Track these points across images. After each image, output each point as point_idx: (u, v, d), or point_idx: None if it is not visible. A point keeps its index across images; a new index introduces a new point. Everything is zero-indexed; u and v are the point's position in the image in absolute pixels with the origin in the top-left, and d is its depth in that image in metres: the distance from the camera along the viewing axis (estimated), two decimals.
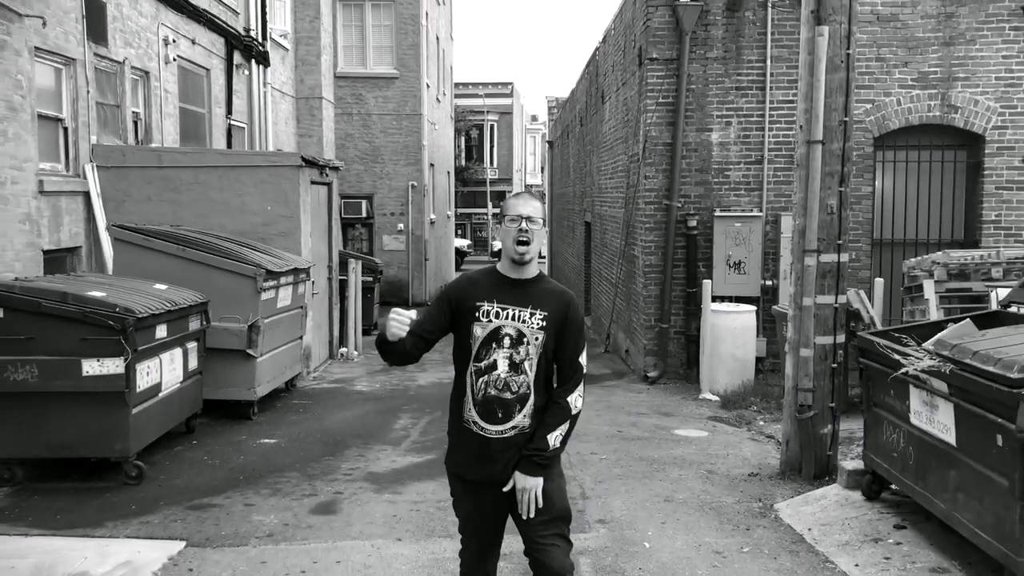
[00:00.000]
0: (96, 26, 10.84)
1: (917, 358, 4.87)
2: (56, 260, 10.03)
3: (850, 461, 6.27)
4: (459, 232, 46.42)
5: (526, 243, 3.38)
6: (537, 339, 3.41)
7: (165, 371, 7.05)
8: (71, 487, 6.30)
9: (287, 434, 8.14)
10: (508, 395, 3.40)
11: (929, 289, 8.89)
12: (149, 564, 4.81)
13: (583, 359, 3.49)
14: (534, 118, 65.94)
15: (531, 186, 64.92)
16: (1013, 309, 5.92)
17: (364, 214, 24.17)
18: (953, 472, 4.67)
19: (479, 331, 3.42)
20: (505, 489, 3.40)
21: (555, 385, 3.50)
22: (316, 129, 21.11)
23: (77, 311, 6.22)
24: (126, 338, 6.22)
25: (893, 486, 5.64)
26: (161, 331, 6.92)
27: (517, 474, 3.38)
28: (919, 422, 5.02)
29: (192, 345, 7.70)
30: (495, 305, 3.43)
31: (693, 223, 11.24)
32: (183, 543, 5.18)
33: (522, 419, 3.42)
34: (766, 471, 6.89)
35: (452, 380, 3.56)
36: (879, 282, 10.07)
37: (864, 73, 10.94)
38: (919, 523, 5.29)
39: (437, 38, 28.76)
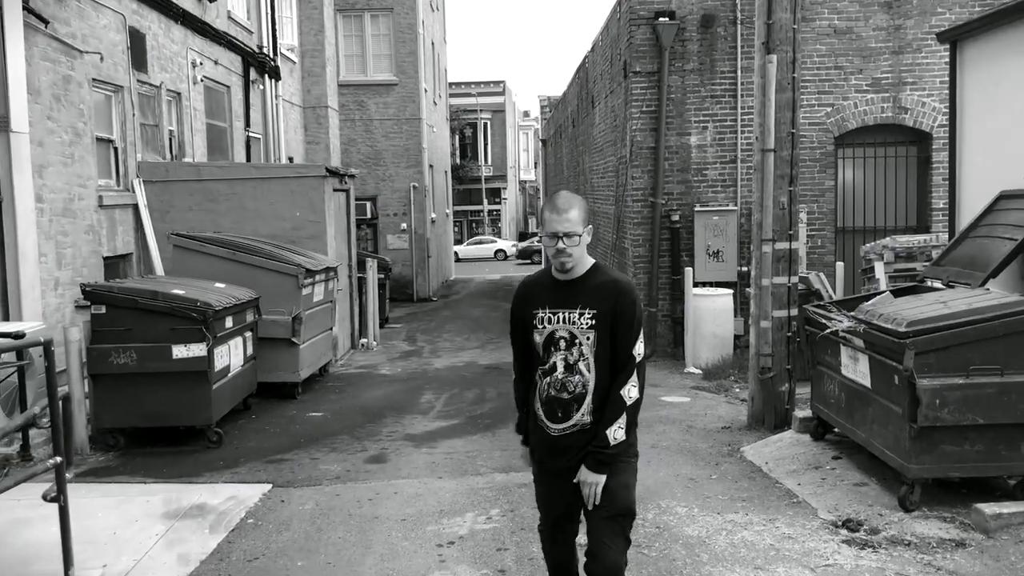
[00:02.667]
0: (138, 55, 12.16)
1: (839, 321, 6.27)
2: (112, 265, 11.36)
3: (802, 411, 7.65)
4: (456, 229, 48.01)
5: (566, 257, 3.46)
6: (588, 338, 3.46)
7: (232, 356, 8.42)
8: (165, 451, 7.68)
9: (330, 409, 9.52)
10: (565, 395, 3.50)
11: (880, 270, 10.26)
12: (250, 498, 6.19)
13: (637, 349, 3.49)
14: (526, 114, 67.14)
15: (525, 182, 66.24)
16: (929, 283, 7.29)
17: (369, 215, 25.42)
18: (870, 409, 6.04)
19: (538, 337, 3.55)
20: (575, 481, 3.53)
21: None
22: (323, 136, 22.39)
23: (166, 306, 7.59)
24: (207, 327, 7.60)
25: (836, 429, 7.02)
26: (229, 322, 8.29)
27: (582, 469, 3.50)
28: (847, 373, 6.40)
29: (249, 334, 9.07)
30: (547, 310, 3.53)
31: (676, 218, 12.63)
32: (270, 485, 6.56)
33: (581, 417, 3.50)
34: (736, 425, 8.28)
35: (464, 364, 4.09)
36: (840, 265, 11.50)
37: (824, 80, 12.35)
38: (852, 455, 6.67)
39: (432, 43, 30.05)
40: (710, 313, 11.79)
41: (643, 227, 12.82)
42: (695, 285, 12.08)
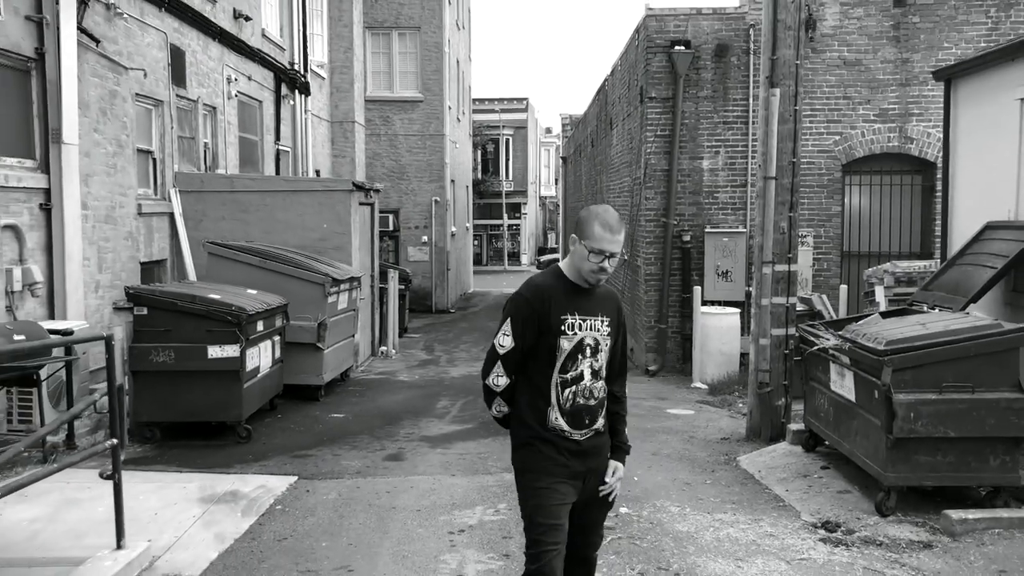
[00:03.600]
0: (178, 71, 12.81)
1: (826, 339, 6.74)
2: (148, 270, 11.97)
3: (796, 425, 8.10)
4: (476, 243, 48.58)
5: (604, 275, 3.51)
6: (608, 344, 3.57)
7: (262, 357, 8.97)
8: (198, 444, 8.23)
9: (351, 411, 10.05)
10: (593, 402, 3.54)
11: (880, 293, 10.69)
12: (278, 487, 6.72)
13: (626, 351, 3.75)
14: (548, 130, 67.78)
15: (545, 198, 66.83)
16: (917, 307, 7.73)
17: (391, 227, 26.05)
18: (854, 422, 6.49)
19: (566, 344, 3.48)
20: (606, 479, 3.61)
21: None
22: (349, 150, 23.02)
23: (204, 309, 8.16)
24: (241, 330, 8.17)
25: (826, 442, 7.46)
26: (260, 326, 8.85)
27: (618, 465, 3.65)
28: (836, 388, 6.85)
29: (277, 338, 9.63)
30: (577, 317, 3.51)
31: (687, 238, 13.13)
32: (296, 477, 7.08)
33: (600, 420, 3.59)
34: (735, 437, 8.73)
35: (479, 372, 3.68)
36: (843, 288, 11.95)
37: (833, 110, 12.83)
38: (839, 465, 7.11)
39: (457, 61, 30.74)
40: (717, 331, 12.24)
41: (655, 246, 13.32)
42: (704, 304, 12.54)
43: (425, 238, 26.61)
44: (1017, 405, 5.73)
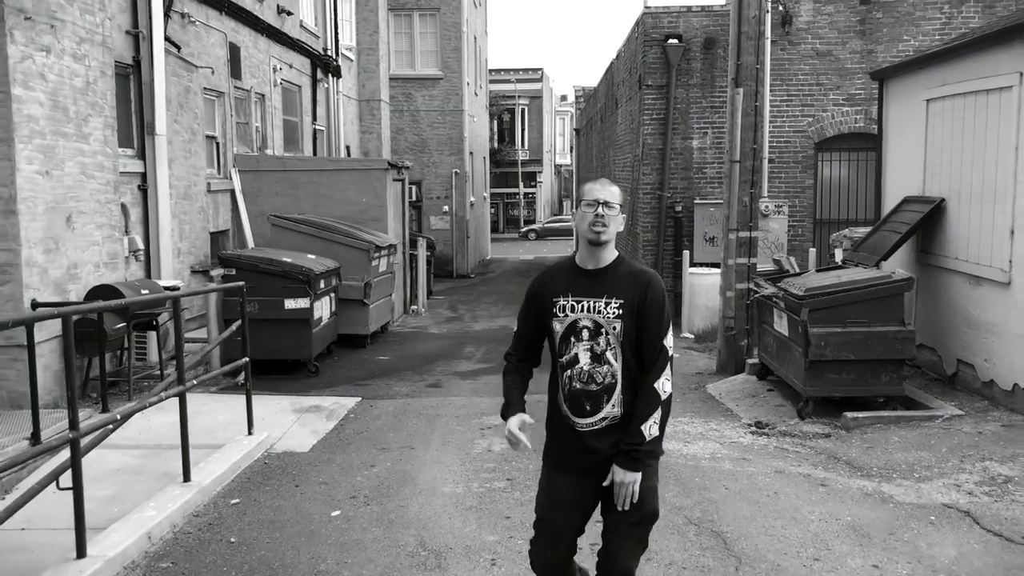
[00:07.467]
0: (235, 66, 14.79)
1: (765, 288, 8.73)
2: (215, 239, 14.04)
3: (753, 360, 10.10)
4: (493, 211, 50.40)
5: (603, 226, 3.35)
6: (615, 328, 3.35)
7: (324, 310, 11.06)
8: (278, 377, 10.33)
9: (394, 355, 12.15)
10: (593, 387, 3.38)
11: (839, 255, 12.58)
12: (348, 403, 8.82)
13: (668, 341, 3.38)
14: (563, 98, 69.10)
15: (560, 166, 68.48)
16: (848, 264, 9.67)
17: (414, 198, 27.94)
18: (788, 352, 8.48)
19: (558, 326, 3.42)
20: (604, 484, 3.38)
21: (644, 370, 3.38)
22: (375, 127, 24.92)
23: (280, 270, 10.23)
24: (310, 286, 10.24)
25: (773, 372, 9.44)
26: (321, 284, 10.92)
27: (615, 468, 3.33)
28: (777, 327, 8.84)
29: (333, 295, 11.70)
30: (570, 299, 3.41)
31: (679, 208, 15.07)
32: (360, 398, 9.18)
33: (611, 409, 3.38)
34: (708, 372, 10.75)
35: (499, 328, 4.57)
36: (812, 251, 13.89)
37: (807, 95, 14.68)
38: (781, 388, 9.11)
39: (475, 38, 32.46)
40: (703, 288, 14.20)
41: (651, 216, 15.27)
42: (693, 265, 14.50)
43: (446, 208, 28.53)
44: (900, 336, 7.70)
